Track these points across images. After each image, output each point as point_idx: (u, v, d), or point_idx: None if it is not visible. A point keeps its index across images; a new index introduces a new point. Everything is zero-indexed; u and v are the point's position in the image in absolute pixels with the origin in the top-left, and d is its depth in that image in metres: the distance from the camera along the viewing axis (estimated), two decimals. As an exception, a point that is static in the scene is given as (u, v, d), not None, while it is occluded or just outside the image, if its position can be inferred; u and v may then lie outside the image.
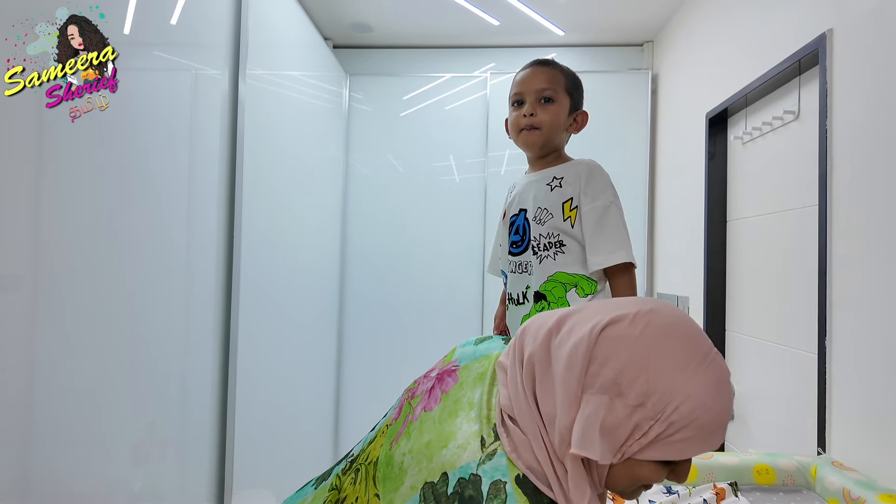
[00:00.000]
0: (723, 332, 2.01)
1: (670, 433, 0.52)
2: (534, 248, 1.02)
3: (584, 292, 0.99)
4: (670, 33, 2.55)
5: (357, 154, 2.88)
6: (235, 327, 1.54)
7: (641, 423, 0.53)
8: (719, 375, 0.54)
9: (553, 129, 1.05)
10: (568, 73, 1.07)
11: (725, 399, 0.54)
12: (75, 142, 0.98)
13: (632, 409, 0.53)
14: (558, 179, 1.03)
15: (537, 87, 1.04)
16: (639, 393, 0.52)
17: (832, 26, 1.36)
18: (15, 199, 0.88)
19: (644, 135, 2.67)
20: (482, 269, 2.78)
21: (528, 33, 2.72)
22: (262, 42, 1.73)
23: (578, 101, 1.08)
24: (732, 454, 1.31)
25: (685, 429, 0.52)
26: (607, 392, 0.53)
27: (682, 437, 0.52)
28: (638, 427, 0.53)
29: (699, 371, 0.53)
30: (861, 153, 1.27)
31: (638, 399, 0.52)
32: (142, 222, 1.19)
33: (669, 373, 0.53)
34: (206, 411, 1.46)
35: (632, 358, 0.53)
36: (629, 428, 0.53)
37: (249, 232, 1.61)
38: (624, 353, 0.54)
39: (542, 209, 1.02)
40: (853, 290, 1.28)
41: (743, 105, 1.89)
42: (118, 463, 1.14)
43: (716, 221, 2.02)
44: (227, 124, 1.55)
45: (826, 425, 1.34)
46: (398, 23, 2.68)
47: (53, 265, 0.95)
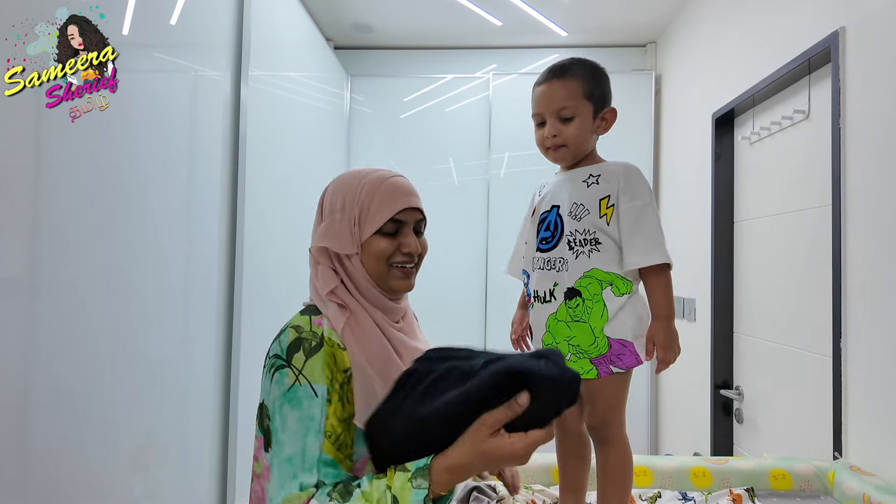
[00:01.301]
0: (730, 333, 1.99)
1: (368, 208, 0.83)
2: (570, 242, 1.00)
3: (619, 291, 0.97)
4: (673, 34, 2.54)
5: (358, 156, 2.85)
6: (238, 333, 1.52)
7: (350, 215, 0.84)
8: (380, 174, 0.86)
9: (580, 143, 1.03)
10: (585, 74, 1.03)
11: (389, 179, 0.85)
12: (75, 142, 0.96)
13: (341, 212, 0.84)
14: (595, 177, 1.01)
15: (555, 107, 1.01)
16: (340, 203, 0.85)
17: (844, 24, 1.35)
18: (14, 199, 0.87)
19: (648, 135, 2.65)
20: (485, 273, 2.76)
21: (530, 34, 2.71)
22: (263, 43, 1.71)
23: (602, 100, 1.03)
24: (748, 459, 1.29)
25: (373, 200, 0.83)
26: (330, 213, 0.85)
27: (375, 205, 0.83)
28: (350, 218, 0.84)
29: (367, 176, 0.86)
30: (876, 153, 1.25)
31: (340, 206, 0.85)
32: (143, 222, 1.16)
33: (349, 184, 0.86)
34: (208, 416, 1.43)
35: (335, 191, 0.87)
36: (347, 222, 0.84)
37: (252, 233, 1.59)
38: (333, 190, 0.87)
39: (577, 205, 1.00)
40: (869, 291, 1.26)
41: (750, 105, 1.87)
42: (118, 470, 1.11)
43: (723, 222, 2.01)
44: (229, 126, 1.53)
45: (842, 429, 1.32)
46: (400, 23, 2.66)
47: (52, 265, 0.93)
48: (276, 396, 0.76)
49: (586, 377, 0.98)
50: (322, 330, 0.81)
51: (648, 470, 1.26)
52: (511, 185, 2.73)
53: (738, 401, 1.93)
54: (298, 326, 0.80)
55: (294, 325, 0.81)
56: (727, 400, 1.98)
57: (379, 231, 0.83)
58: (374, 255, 0.84)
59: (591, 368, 0.97)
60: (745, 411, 1.89)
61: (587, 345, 0.97)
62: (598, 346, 0.96)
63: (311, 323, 0.81)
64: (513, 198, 2.71)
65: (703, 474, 1.25)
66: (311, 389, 0.76)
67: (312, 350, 0.78)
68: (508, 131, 2.75)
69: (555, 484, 1.27)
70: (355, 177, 0.86)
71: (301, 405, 0.75)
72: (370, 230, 0.83)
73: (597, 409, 1.00)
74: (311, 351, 0.78)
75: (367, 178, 0.85)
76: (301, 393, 0.75)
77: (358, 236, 0.84)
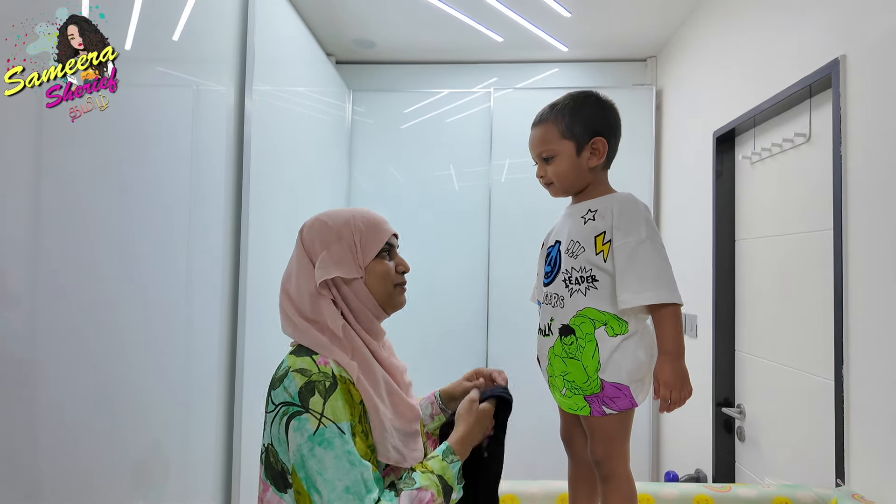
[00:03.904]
0: (732, 351, 1.99)
1: (366, 234, 0.91)
2: (566, 281, 1.00)
3: (613, 332, 0.96)
4: (673, 49, 2.54)
5: (359, 165, 2.86)
6: (242, 343, 1.53)
7: (349, 243, 0.90)
8: (362, 209, 0.96)
9: (565, 178, 1.04)
10: (560, 114, 1.03)
11: (372, 212, 0.95)
12: (75, 142, 0.96)
13: (338, 243, 0.89)
14: (592, 212, 1.01)
15: (536, 151, 1.07)
16: (335, 236, 0.90)
17: (845, 52, 1.35)
18: (15, 200, 0.87)
19: (649, 150, 2.66)
20: (487, 281, 2.76)
21: (531, 49, 2.72)
22: (267, 58, 1.73)
23: (585, 133, 1.02)
24: (751, 486, 1.29)
25: (369, 228, 0.91)
26: (325, 247, 0.90)
27: (372, 232, 0.91)
28: (350, 246, 0.90)
29: (354, 210, 0.94)
30: (878, 179, 1.26)
31: (336, 237, 0.90)
32: (144, 224, 1.16)
33: (339, 219, 0.92)
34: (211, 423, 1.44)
35: (321, 228, 0.91)
36: (348, 249, 0.89)
37: (256, 243, 1.60)
38: (319, 228, 0.92)
39: (574, 242, 1.01)
40: (871, 316, 1.27)
41: (751, 125, 1.88)
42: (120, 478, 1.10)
43: (724, 240, 2.01)
44: (233, 137, 1.55)
45: (844, 455, 1.32)
46: (401, 39, 2.67)
47: (53, 266, 0.93)
48: (302, 443, 0.77)
49: (580, 413, 0.99)
50: (331, 369, 0.82)
51: (652, 498, 1.26)
52: (512, 190, 2.75)
53: (739, 419, 1.93)
54: (304, 370, 0.81)
55: (297, 368, 0.81)
56: (729, 417, 1.99)
57: (378, 254, 0.92)
58: (380, 276, 0.92)
59: (584, 405, 0.98)
60: (747, 430, 1.89)
61: (581, 382, 0.97)
62: (591, 386, 0.96)
63: (316, 364, 0.82)
64: (514, 203, 2.74)
65: (705, 502, 1.25)
66: (336, 429, 0.78)
67: (329, 390, 0.80)
68: (509, 140, 2.77)
69: (558, 511, 1.27)
70: (339, 214, 0.94)
71: (333, 445, 0.77)
72: (372, 253, 0.91)
73: (597, 444, 1.00)
74: (327, 392, 0.80)
75: (356, 211, 0.95)
76: (328, 434, 0.77)
77: (361, 260, 0.91)
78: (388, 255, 0.95)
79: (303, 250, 0.92)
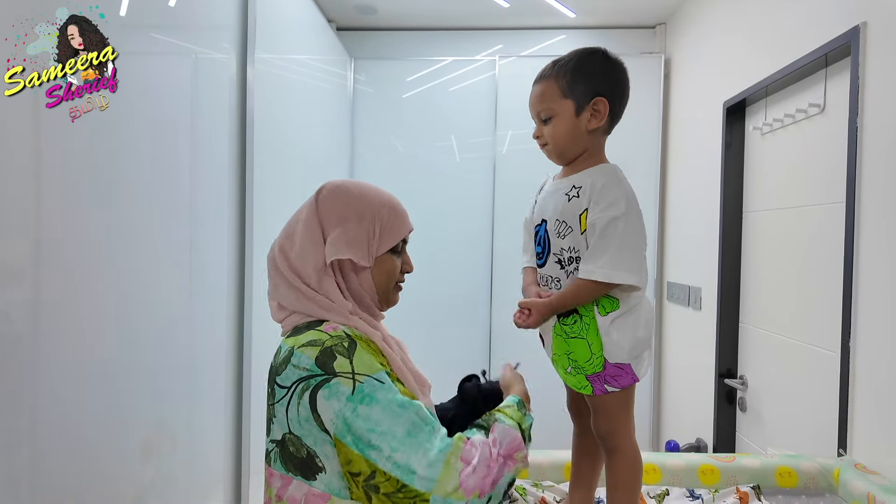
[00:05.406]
0: (736, 323, 2.00)
1: (389, 225, 0.87)
2: (560, 262, 0.99)
3: (604, 310, 0.94)
4: (684, 16, 2.48)
5: (361, 135, 2.82)
6: (250, 318, 1.53)
7: (369, 228, 0.85)
8: (390, 195, 0.91)
9: (561, 141, 0.99)
10: (563, 71, 0.98)
11: (399, 202, 0.91)
12: (75, 142, 0.96)
13: (357, 224, 0.84)
14: (577, 189, 0.97)
15: (535, 110, 1.02)
16: (355, 214, 0.85)
17: (866, 19, 1.32)
18: (14, 199, 0.86)
19: (656, 120, 2.62)
20: (490, 254, 2.75)
21: (537, 15, 2.65)
22: (268, 25, 1.68)
23: (586, 93, 0.97)
24: (755, 456, 1.31)
25: (394, 219, 0.87)
26: (341, 223, 0.84)
27: (396, 225, 0.88)
28: (369, 231, 0.85)
29: (383, 195, 0.89)
30: (894, 151, 1.24)
31: (357, 217, 0.85)
32: (145, 219, 1.15)
33: (367, 198, 0.87)
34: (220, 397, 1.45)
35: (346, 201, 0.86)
36: (365, 234, 0.85)
37: (261, 216, 1.58)
38: (344, 200, 0.86)
39: (560, 222, 0.98)
40: (880, 290, 1.27)
41: (763, 95, 1.84)
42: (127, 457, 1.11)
43: (732, 212, 2.00)
44: (235, 109, 1.52)
45: (847, 426, 1.34)
46: (403, 4, 2.60)
47: (53, 266, 0.92)
48: (341, 408, 0.72)
49: (583, 392, 0.99)
50: (343, 331, 0.79)
51: (657, 468, 1.28)
52: (516, 161, 2.72)
53: (741, 390, 1.96)
54: (313, 341, 0.77)
55: (304, 343, 0.77)
56: (731, 388, 2.01)
57: (391, 249, 0.88)
58: (386, 272, 0.89)
59: (586, 385, 0.97)
60: (749, 401, 1.92)
61: (583, 361, 0.96)
62: (594, 364, 0.95)
63: (325, 332, 0.78)
64: (520, 174, 2.70)
65: (710, 472, 1.27)
66: (374, 381, 0.74)
67: (350, 349, 0.76)
68: (515, 109, 2.71)
69: (565, 481, 1.29)
70: (369, 192, 0.88)
71: (375, 398, 0.72)
72: (386, 247, 0.88)
73: (601, 419, 1.01)
74: (349, 350, 0.76)
75: (384, 196, 0.90)
76: (368, 388, 0.73)
77: (375, 249, 0.87)
78: (399, 250, 0.91)
79: (315, 215, 0.85)
